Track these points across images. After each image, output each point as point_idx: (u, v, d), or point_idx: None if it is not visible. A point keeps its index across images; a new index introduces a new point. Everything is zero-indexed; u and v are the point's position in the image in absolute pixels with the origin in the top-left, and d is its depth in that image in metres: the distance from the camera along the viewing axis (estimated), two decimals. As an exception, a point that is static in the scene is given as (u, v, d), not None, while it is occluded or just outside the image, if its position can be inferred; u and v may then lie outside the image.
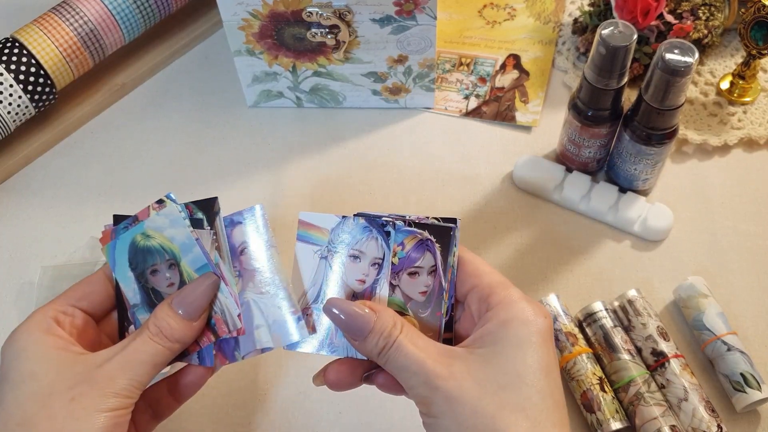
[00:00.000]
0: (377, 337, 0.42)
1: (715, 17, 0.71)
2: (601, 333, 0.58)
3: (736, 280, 0.63)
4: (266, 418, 0.58)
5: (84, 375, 0.41)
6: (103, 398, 0.41)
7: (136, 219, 0.47)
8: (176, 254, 0.46)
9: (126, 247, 0.46)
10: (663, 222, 0.65)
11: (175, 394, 0.47)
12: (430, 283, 0.46)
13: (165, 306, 0.44)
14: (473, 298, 0.45)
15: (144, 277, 0.46)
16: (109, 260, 0.47)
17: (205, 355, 0.46)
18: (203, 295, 0.45)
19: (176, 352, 0.44)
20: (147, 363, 0.43)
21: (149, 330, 0.43)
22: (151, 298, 0.46)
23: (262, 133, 0.73)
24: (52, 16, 0.69)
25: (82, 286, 0.47)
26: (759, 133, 0.70)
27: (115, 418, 0.41)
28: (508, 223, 0.67)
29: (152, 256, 0.46)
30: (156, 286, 0.46)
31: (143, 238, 0.46)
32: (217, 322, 0.46)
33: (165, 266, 0.46)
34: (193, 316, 0.44)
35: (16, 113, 0.68)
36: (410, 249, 0.46)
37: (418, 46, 0.67)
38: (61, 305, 0.45)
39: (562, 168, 0.68)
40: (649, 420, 0.54)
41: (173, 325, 0.44)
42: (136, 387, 0.42)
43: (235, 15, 0.65)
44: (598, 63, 0.58)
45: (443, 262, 0.46)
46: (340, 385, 0.46)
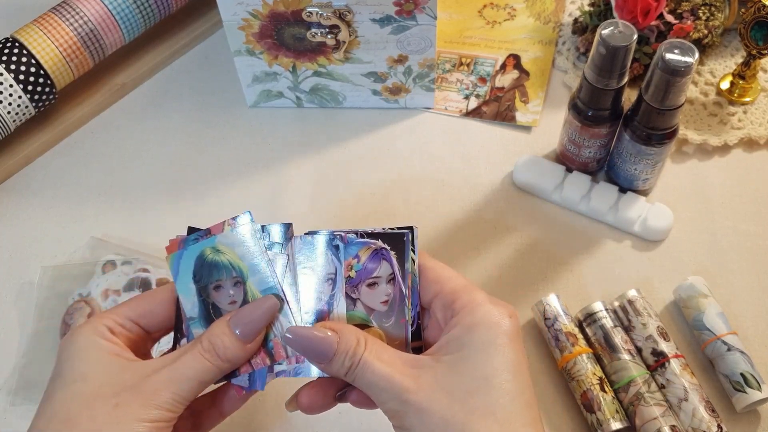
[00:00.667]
0: (342, 357, 0.42)
1: (715, 17, 0.71)
2: (601, 333, 0.58)
3: (736, 280, 0.63)
4: (266, 418, 0.58)
5: (131, 383, 0.41)
6: (146, 409, 0.40)
7: (208, 232, 0.46)
8: (244, 273, 0.45)
9: (193, 258, 0.46)
10: (663, 222, 0.65)
11: (220, 407, 0.47)
12: (390, 292, 0.46)
13: (222, 323, 0.44)
14: (437, 305, 0.45)
15: (206, 291, 0.45)
16: (171, 269, 0.46)
17: (257, 377, 0.45)
18: (262, 317, 0.44)
19: (225, 371, 0.44)
20: (193, 379, 0.42)
21: (201, 345, 0.43)
22: (209, 314, 0.45)
23: (262, 133, 0.73)
24: (52, 16, 0.69)
25: (144, 301, 0.46)
26: (759, 133, 0.70)
27: (155, 430, 0.41)
28: (508, 223, 0.67)
29: (218, 272, 0.45)
30: (217, 302, 0.45)
31: (212, 252, 0.46)
32: (275, 345, 0.45)
33: (230, 283, 0.45)
34: (249, 337, 0.43)
35: (16, 113, 0.68)
36: (366, 260, 0.46)
37: (418, 46, 0.67)
38: (120, 317, 0.44)
39: (562, 168, 0.68)
40: (649, 420, 0.54)
41: (227, 344, 0.43)
42: (180, 402, 0.42)
43: (235, 15, 0.65)
44: (598, 63, 0.58)
45: (401, 269, 0.46)
46: (313, 408, 0.45)
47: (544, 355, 0.60)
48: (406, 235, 0.46)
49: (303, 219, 0.68)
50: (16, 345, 0.62)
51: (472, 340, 0.42)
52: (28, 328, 0.62)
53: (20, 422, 0.59)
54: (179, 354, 0.43)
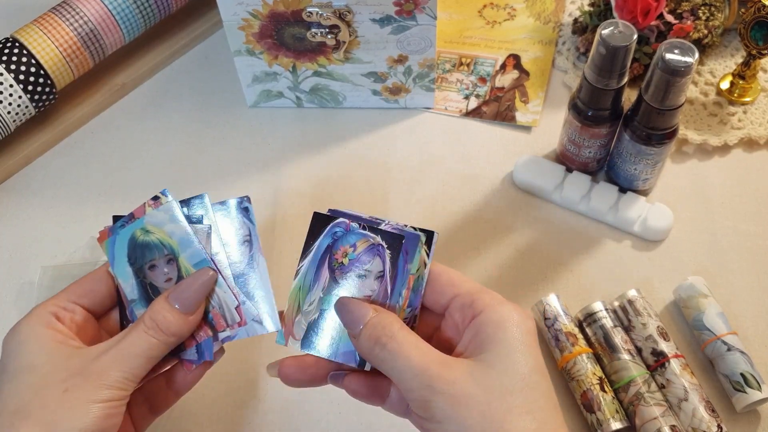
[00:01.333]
0: (373, 328, 0.43)
1: (715, 17, 0.71)
2: (601, 333, 0.58)
3: (736, 280, 0.63)
4: (266, 418, 0.58)
5: (79, 367, 0.42)
6: (96, 390, 0.41)
7: (132, 216, 0.47)
8: (175, 249, 0.47)
9: (125, 242, 0.47)
10: (663, 222, 0.65)
11: (173, 387, 0.48)
12: (375, 288, 0.46)
13: (161, 300, 0.45)
14: (456, 306, 0.45)
15: (142, 272, 0.47)
16: (108, 256, 0.47)
17: (204, 349, 0.46)
18: (200, 289, 0.45)
19: (171, 345, 0.45)
20: (141, 356, 0.43)
21: (144, 323, 0.44)
22: (148, 294, 0.47)
23: (262, 133, 0.73)
24: (52, 16, 0.69)
25: (83, 283, 0.47)
26: (759, 133, 0.70)
27: (108, 409, 0.41)
28: (508, 223, 0.67)
29: (151, 251, 0.47)
30: (154, 281, 0.47)
31: (142, 233, 0.47)
32: (214, 316, 0.46)
33: (163, 261, 0.47)
34: (189, 309, 0.45)
35: (16, 113, 0.68)
36: (361, 252, 0.47)
37: (418, 46, 0.67)
38: (61, 301, 0.46)
39: (562, 168, 0.68)
40: (649, 420, 0.54)
41: (169, 319, 0.44)
42: (130, 380, 0.43)
43: (235, 15, 0.65)
44: (598, 63, 0.58)
45: (392, 269, 0.46)
46: (291, 379, 0.46)
47: (544, 355, 0.59)
48: (404, 238, 0.47)
49: (303, 219, 0.67)
50: (16, 345, 0.62)
51: (504, 338, 0.42)
52: (28, 328, 0.62)
53: (20, 422, 0.59)
54: (124, 334, 0.44)
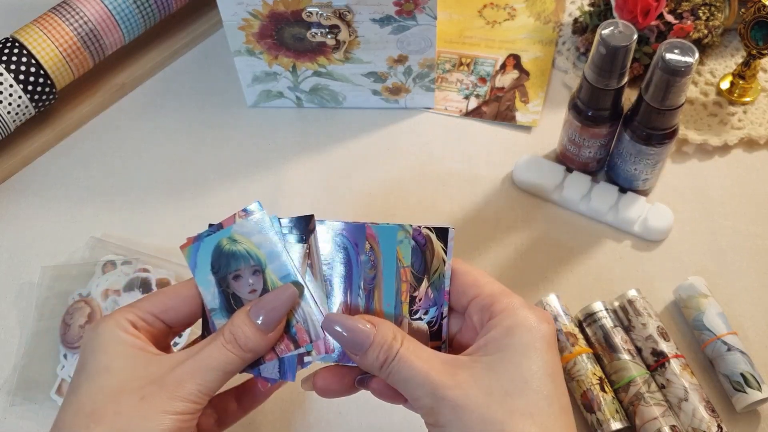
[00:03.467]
0: (377, 350, 0.42)
1: (715, 17, 0.71)
2: (601, 333, 0.58)
3: (736, 280, 0.63)
4: (266, 418, 0.58)
5: (155, 376, 0.42)
6: (171, 401, 0.41)
7: (220, 226, 0.46)
8: (262, 261, 0.46)
9: (210, 250, 0.46)
10: (663, 222, 0.65)
11: (242, 403, 0.47)
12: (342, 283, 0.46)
13: (242, 314, 0.44)
14: (475, 308, 0.45)
15: (226, 281, 0.46)
16: (189, 262, 0.46)
17: (287, 368, 0.45)
18: (282, 306, 0.44)
19: (248, 361, 0.44)
20: (217, 370, 0.42)
21: (223, 337, 0.43)
22: (230, 304, 0.45)
23: (262, 133, 0.73)
24: (52, 16, 0.69)
25: (168, 296, 0.46)
26: (759, 133, 0.70)
27: (181, 422, 0.41)
28: (508, 223, 0.67)
29: (236, 261, 0.46)
30: (237, 291, 0.46)
31: (229, 243, 0.46)
32: (298, 331, 0.45)
33: (249, 272, 0.46)
34: (270, 326, 0.44)
35: (16, 113, 0.68)
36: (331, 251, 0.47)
37: (418, 46, 0.67)
38: (142, 312, 0.45)
39: (562, 168, 0.68)
40: (649, 420, 0.54)
41: (248, 334, 0.43)
42: (205, 393, 0.42)
43: (235, 15, 0.65)
44: (598, 63, 0.58)
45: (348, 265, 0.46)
46: (327, 391, 0.46)
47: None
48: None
49: (303, 219, 0.68)
50: (16, 345, 0.62)
51: (511, 342, 0.42)
52: (28, 328, 0.62)
53: (20, 422, 0.59)
54: (202, 346, 0.43)
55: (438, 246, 0.47)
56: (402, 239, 0.47)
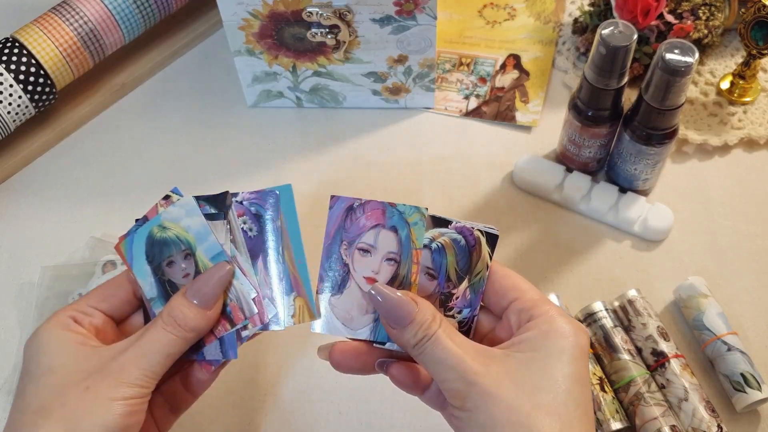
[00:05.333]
0: (417, 328, 0.43)
1: (716, 17, 0.71)
2: (601, 333, 0.58)
3: (736, 280, 0.63)
4: (266, 418, 0.58)
5: (99, 366, 0.42)
6: (116, 387, 0.42)
7: (146, 218, 0.47)
8: (192, 244, 0.47)
9: (143, 241, 0.47)
10: (663, 222, 0.65)
11: (189, 388, 0.48)
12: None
13: (179, 296, 0.45)
14: (514, 310, 0.45)
15: (160, 269, 0.47)
16: (126, 256, 0.47)
17: (228, 347, 0.46)
18: (217, 284, 0.45)
19: (190, 341, 0.45)
20: (160, 353, 0.43)
21: (162, 319, 0.44)
22: (167, 291, 0.47)
23: (262, 133, 0.73)
24: (52, 16, 0.69)
25: (103, 288, 0.47)
26: (759, 133, 0.70)
27: (129, 407, 0.42)
28: (508, 223, 0.67)
29: (168, 248, 0.47)
30: (172, 277, 0.47)
31: (159, 230, 0.47)
32: (233, 309, 0.46)
33: (181, 257, 0.47)
34: (208, 304, 0.45)
35: (16, 113, 0.68)
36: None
37: (418, 46, 0.67)
38: (80, 306, 0.46)
39: (562, 168, 0.68)
40: (649, 420, 0.54)
41: (187, 314, 0.44)
42: (150, 377, 0.43)
43: (235, 15, 0.65)
44: (598, 63, 0.58)
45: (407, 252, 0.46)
46: (342, 366, 0.46)
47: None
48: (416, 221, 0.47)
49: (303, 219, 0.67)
50: (16, 345, 0.62)
51: (547, 344, 0.43)
52: (28, 328, 0.62)
53: (20, 422, 0.59)
54: (142, 332, 0.44)
55: (486, 250, 0.47)
56: (417, 221, 0.47)
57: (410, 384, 0.46)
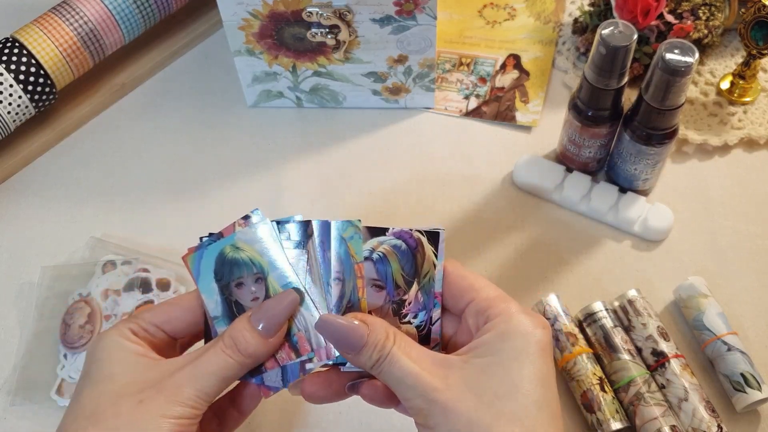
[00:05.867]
0: (371, 350, 0.42)
1: (716, 17, 0.71)
2: (601, 333, 0.58)
3: (736, 280, 0.63)
4: (266, 418, 0.58)
5: (155, 380, 0.42)
6: (169, 405, 0.41)
7: (221, 235, 0.47)
8: (264, 268, 0.46)
9: (213, 258, 0.46)
10: (663, 222, 0.65)
11: (239, 408, 0.47)
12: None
13: (243, 319, 0.44)
14: (471, 312, 0.45)
15: (228, 289, 0.46)
16: (192, 270, 0.46)
17: (290, 376, 0.45)
18: (283, 311, 0.44)
19: (247, 367, 0.44)
20: (215, 375, 0.42)
21: (223, 341, 0.43)
22: (233, 311, 0.46)
23: (262, 133, 0.73)
24: (52, 16, 0.69)
25: (170, 307, 0.46)
26: (759, 133, 0.70)
27: (179, 426, 0.41)
28: (508, 223, 0.67)
29: (239, 269, 0.46)
30: (239, 299, 0.46)
31: (232, 250, 0.46)
32: (299, 339, 0.45)
33: (251, 279, 0.46)
34: (271, 331, 0.44)
35: (16, 113, 0.68)
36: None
37: (418, 46, 0.67)
38: (144, 322, 0.45)
39: (562, 168, 0.68)
40: (649, 420, 0.54)
41: (249, 339, 0.43)
42: (203, 398, 0.42)
43: (235, 15, 0.65)
44: (598, 63, 0.58)
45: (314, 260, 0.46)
46: (315, 397, 0.46)
47: (544, 355, 0.60)
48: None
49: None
50: (16, 345, 0.62)
51: (504, 346, 0.42)
52: (28, 328, 0.62)
53: (20, 422, 0.59)
54: (202, 351, 0.43)
55: (429, 249, 0.46)
56: (352, 235, 0.46)
57: (382, 400, 0.45)
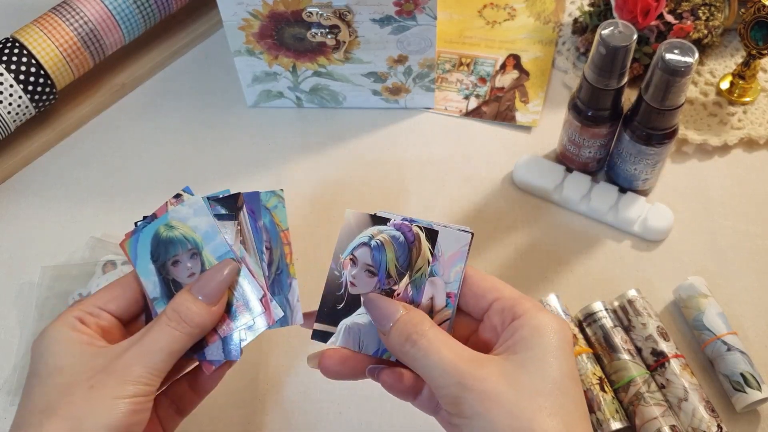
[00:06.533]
0: (404, 325, 0.43)
1: (715, 17, 0.71)
2: (601, 333, 0.58)
3: (736, 280, 0.63)
4: (266, 418, 0.58)
5: (103, 365, 0.43)
6: (121, 386, 0.42)
7: (154, 216, 0.47)
8: (198, 243, 0.47)
9: (149, 240, 0.47)
10: (663, 222, 0.65)
11: (195, 388, 0.48)
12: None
13: (183, 292, 0.45)
14: (496, 310, 0.45)
15: (165, 268, 0.47)
16: (130, 255, 0.47)
17: (231, 347, 0.46)
18: (223, 280, 0.45)
19: (195, 337, 0.44)
20: (163, 350, 0.43)
21: (166, 316, 0.44)
22: (171, 291, 0.46)
23: (262, 133, 0.73)
24: (52, 16, 0.69)
25: (110, 288, 0.47)
26: (759, 133, 0.70)
27: (134, 405, 0.42)
28: (508, 223, 0.67)
29: (174, 247, 0.47)
30: (177, 277, 0.46)
31: (166, 229, 0.47)
32: (238, 308, 0.46)
33: (187, 256, 0.47)
34: (212, 299, 0.45)
35: (16, 113, 0.68)
36: None
37: (418, 46, 0.67)
38: (87, 306, 0.46)
39: (562, 168, 0.68)
40: (649, 420, 0.54)
41: (192, 309, 0.44)
42: (154, 374, 0.43)
43: (235, 15, 0.65)
44: (598, 63, 0.58)
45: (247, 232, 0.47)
46: (330, 372, 0.46)
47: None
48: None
49: (303, 219, 0.68)
50: (16, 345, 0.62)
51: (540, 342, 0.42)
52: (28, 328, 0.62)
53: (20, 422, 0.59)
54: (146, 329, 0.44)
55: (425, 246, 0.47)
56: (276, 204, 0.48)
57: (402, 389, 0.45)
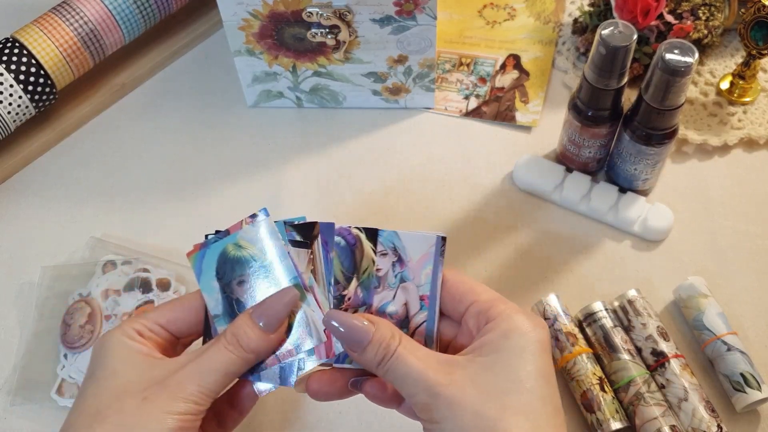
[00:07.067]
0: (376, 347, 0.43)
1: (715, 17, 0.71)
2: (601, 333, 0.58)
3: (736, 280, 0.63)
4: (266, 418, 0.58)
5: (158, 378, 0.43)
6: (173, 402, 0.42)
7: (227, 232, 0.47)
8: (266, 265, 0.46)
9: (215, 257, 0.46)
10: (663, 222, 0.65)
11: (236, 405, 0.48)
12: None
13: (244, 315, 0.45)
14: (472, 313, 0.46)
15: (230, 287, 0.46)
16: (194, 269, 0.46)
17: (287, 373, 0.46)
18: (283, 308, 0.45)
19: (250, 363, 0.44)
20: (218, 371, 0.43)
21: (225, 338, 0.44)
22: (233, 310, 0.46)
23: (262, 133, 0.73)
24: (52, 16, 0.69)
25: (172, 307, 0.47)
26: (759, 133, 0.70)
27: (183, 422, 0.42)
28: (508, 223, 0.67)
29: (241, 267, 0.46)
30: (240, 297, 0.46)
31: (234, 248, 0.46)
32: (300, 336, 0.46)
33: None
34: (271, 327, 0.45)
35: (16, 113, 0.68)
36: None
37: (418, 46, 0.67)
38: (147, 322, 0.46)
39: (562, 168, 0.68)
40: (649, 420, 0.54)
41: (250, 335, 0.44)
42: (206, 394, 0.43)
43: (235, 15, 0.65)
44: (598, 63, 0.58)
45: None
46: (319, 394, 0.46)
47: (544, 355, 0.60)
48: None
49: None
50: (16, 345, 0.62)
51: (507, 345, 0.43)
52: (28, 328, 0.62)
53: (20, 422, 0.59)
54: (204, 348, 0.44)
55: (368, 246, 0.47)
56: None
57: (385, 398, 0.46)
